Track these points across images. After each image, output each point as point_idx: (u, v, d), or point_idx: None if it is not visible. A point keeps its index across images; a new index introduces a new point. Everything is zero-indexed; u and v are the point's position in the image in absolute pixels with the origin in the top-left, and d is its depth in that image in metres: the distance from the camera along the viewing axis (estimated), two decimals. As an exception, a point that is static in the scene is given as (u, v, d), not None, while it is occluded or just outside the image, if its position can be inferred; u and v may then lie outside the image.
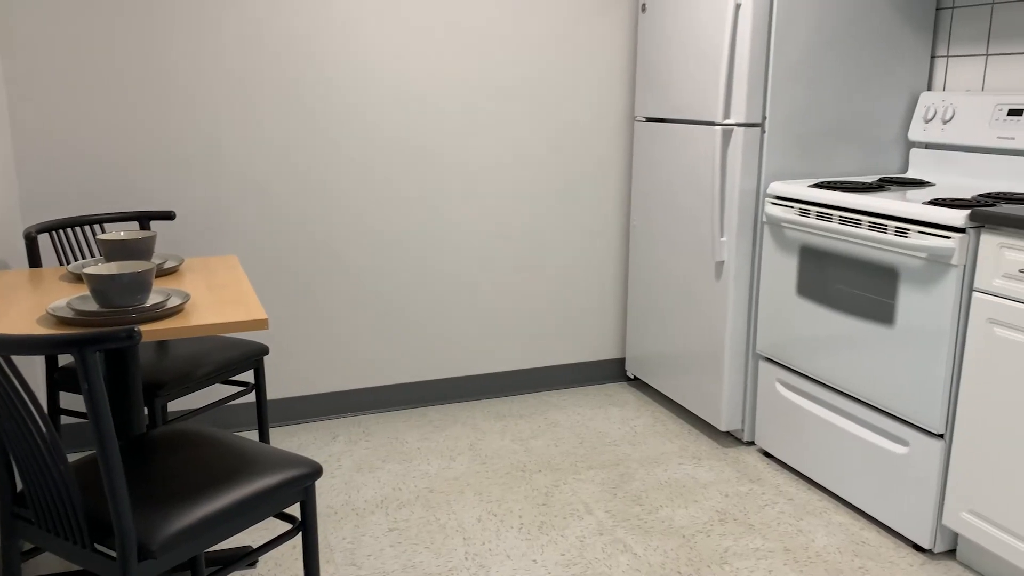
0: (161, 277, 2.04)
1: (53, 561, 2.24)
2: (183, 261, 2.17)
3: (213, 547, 2.00)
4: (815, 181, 2.66)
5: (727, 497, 2.57)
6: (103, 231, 2.56)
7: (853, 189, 2.45)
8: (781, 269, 2.66)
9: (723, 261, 2.79)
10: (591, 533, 2.37)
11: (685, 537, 2.35)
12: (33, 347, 1.26)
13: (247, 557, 1.64)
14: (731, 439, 2.99)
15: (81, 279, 2.01)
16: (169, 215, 2.63)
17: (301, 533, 1.70)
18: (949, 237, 2.06)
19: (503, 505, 2.53)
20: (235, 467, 1.61)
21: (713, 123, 2.81)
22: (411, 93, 3.06)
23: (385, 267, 3.16)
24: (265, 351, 2.43)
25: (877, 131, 2.83)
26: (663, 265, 3.16)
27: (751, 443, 2.95)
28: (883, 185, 2.55)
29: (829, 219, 2.43)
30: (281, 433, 3.06)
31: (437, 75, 3.08)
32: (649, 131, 3.20)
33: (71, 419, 2.89)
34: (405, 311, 3.22)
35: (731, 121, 2.70)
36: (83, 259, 2.51)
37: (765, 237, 2.72)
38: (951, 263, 2.07)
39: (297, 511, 2.44)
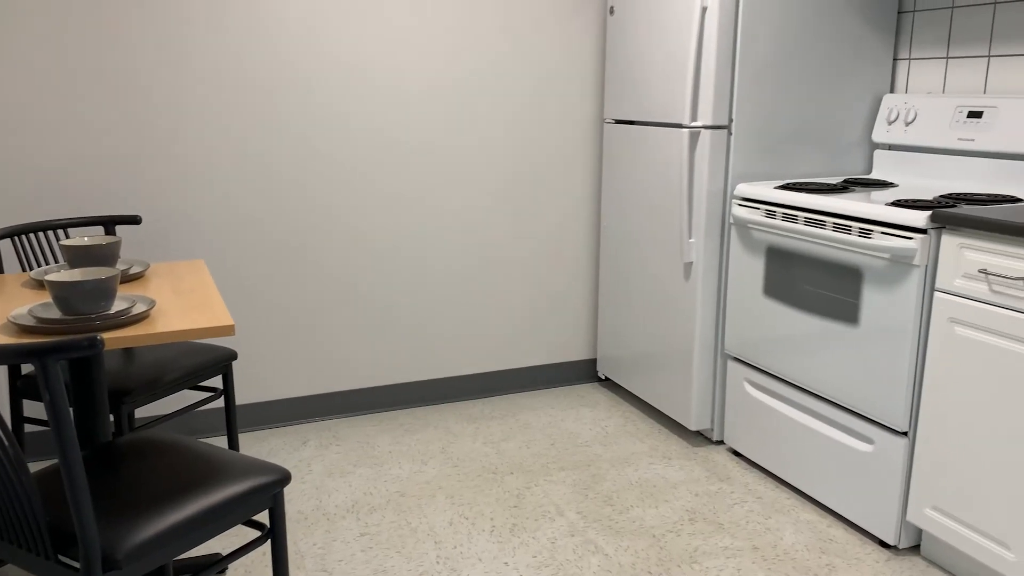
0: (126, 283, 2.01)
1: (16, 574, 2.21)
2: (149, 266, 2.15)
3: (182, 555, 1.98)
4: (781, 182, 2.69)
5: (697, 496, 2.59)
6: (67, 236, 2.53)
7: (818, 190, 2.48)
8: (748, 270, 2.69)
9: (691, 262, 2.82)
10: (563, 534, 2.38)
11: (655, 537, 2.36)
12: (-7, 357, 1.24)
13: (216, 565, 1.63)
14: (701, 438, 3.01)
15: (44, 286, 1.98)
16: (135, 219, 2.60)
17: (270, 540, 1.69)
18: (911, 238, 2.10)
19: (475, 508, 2.53)
20: (202, 475, 1.60)
21: (680, 125, 2.83)
22: (379, 94, 3.05)
23: (355, 270, 3.15)
24: (234, 356, 2.41)
25: (842, 133, 2.87)
26: (633, 266, 3.18)
27: (720, 442, 2.98)
28: (847, 186, 2.59)
29: (794, 220, 2.46)
30: (251, 438, 3.03)
31: (406, 75, 3.07)
32: (618, 133, 3.21)
33: (36, 427, 2.84)
34: (376, 314, 3.21)
35: (698, 124, 2.72)
36: (46, 265, 2.47)
37: (732, 238, 2.75)
38: (913, 263, 2.10)
39: (266, 518, 2.42)
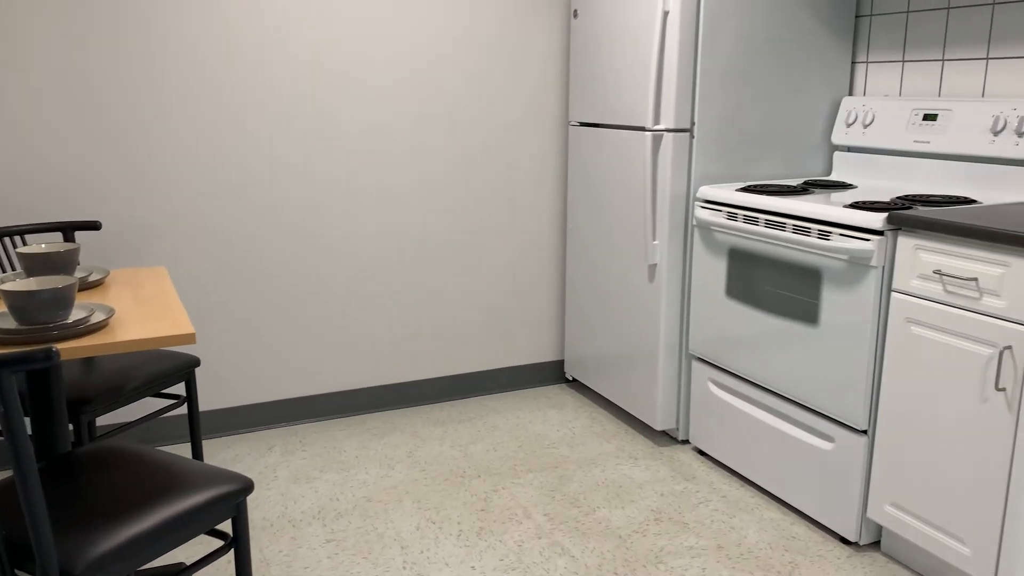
0: (85, 290, 1.99)
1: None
2: (109, 273, 2.12)
3: (144, 566, 1.95)
4: (743, 185, 2.72)
5: (663, 496, 2.62)
6: (24, 243, 2.49)
7: (778, 192, 2.52)
8: (711, 271, 2.72)
9: (656, 264, 2.84)
10: (530, 537, 2.39)
11: (621, 538, 2.38)
12: (-56, 370, 1.22)
13: (180, 575, 1.62)
14: (667, 438, 3.04)
15: None
16: (95, 225, 2.56)
17: (233, 550, 1.68)
18: (868, 240, 2.14)
19: (442, 512, 2.53)
20: (163, 485, 1.59)
21: (644, 128, 2.85)
22: (340, 97, 3.04)
23: (320, 275, 3.13)
24: (196, 363, 2.39)
25: (802, 135, 2.91)
26: (599, 268, 3.20)
27: (686, 442, 3.01)
28: (807, 188, 2.62)
29: (755, 222, 2.49)
30: (216, 445, 3.01)
31: (368, 79, 3.06)
32: (583, 136, 3.23)
33: (-6, 437, 2.79)
34: (342, 318, 3.20)
35: (661, 127, 2.75)
36: (2, 273, 2.43)
37: (695, 240, 2.77)
38: (870, 264, 2.14)
39: (230, 527, 2.41)
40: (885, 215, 2.11)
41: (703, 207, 2.71)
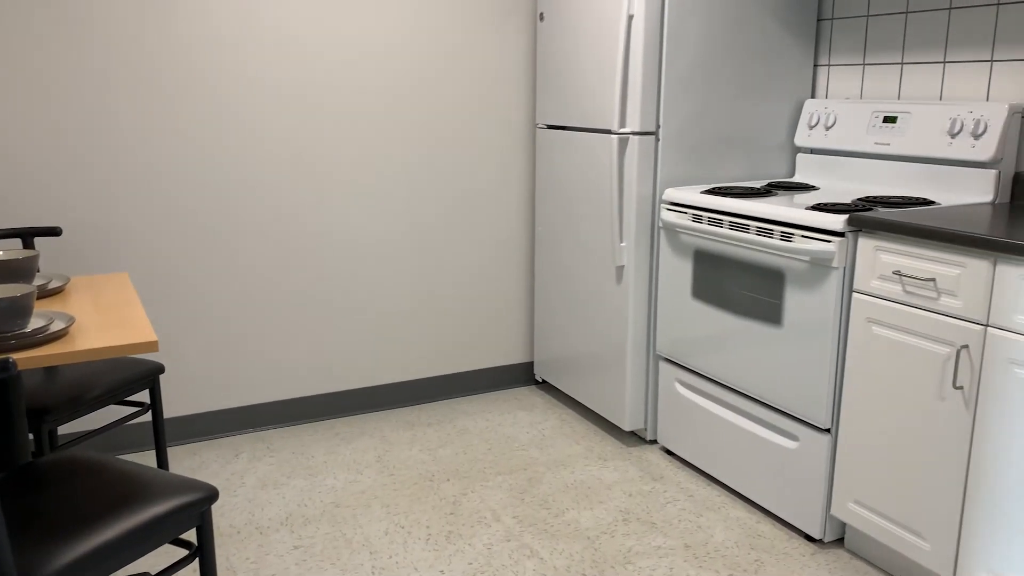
0: (45, 298, 1.96)
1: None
2: (69, 280, 2.09)
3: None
4: (707, 187, 2.75)
5: (631, 496, 2.63)
6: (-18, 250, 2.44)
7: (742, 194, 2.54)
8: (677, 272, 2.74)
9: (623, 266, 2.86)
10: (499, 540, 2.39)
11: (590, 539, 2.39)
12: None
13: (141, 586, 1.60)
14: (635, 438, 3.06)
15: (-44, 303, 1.91)
16: (55, 231, 2.52)
17: (198, 559, 1.67)
18: (829, 241, 2.17)
19: (410, 517, 2.53)
20: (125, 495, 1.57)
21: (610, 131, 2.87)
22: (306, 100, 3.02)
23: (286, 277, 3.11)
24: (161, 370, 2.37)
25: (766, 137, 2.94)
26: (567, 270, 3.21)
27: (654, 442, 3.03)
28: (771, 190, 2.65)
29: (720, 224, 2.51)
30: (182, 451, 2.98)
31: (334, 82, 3.05)
32: (550, 138, 3.24)
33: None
34: (308, 322, 3.18)
35: (627, 129, 2.77)
36: (-39, 280, 2.39)
37: (661, 242, 2.79)
38: (832, 266, 2.17)
39: (195, 536, 2.38)
40: (846, 217, 2.14)
41: (668, 209, 2.73)
